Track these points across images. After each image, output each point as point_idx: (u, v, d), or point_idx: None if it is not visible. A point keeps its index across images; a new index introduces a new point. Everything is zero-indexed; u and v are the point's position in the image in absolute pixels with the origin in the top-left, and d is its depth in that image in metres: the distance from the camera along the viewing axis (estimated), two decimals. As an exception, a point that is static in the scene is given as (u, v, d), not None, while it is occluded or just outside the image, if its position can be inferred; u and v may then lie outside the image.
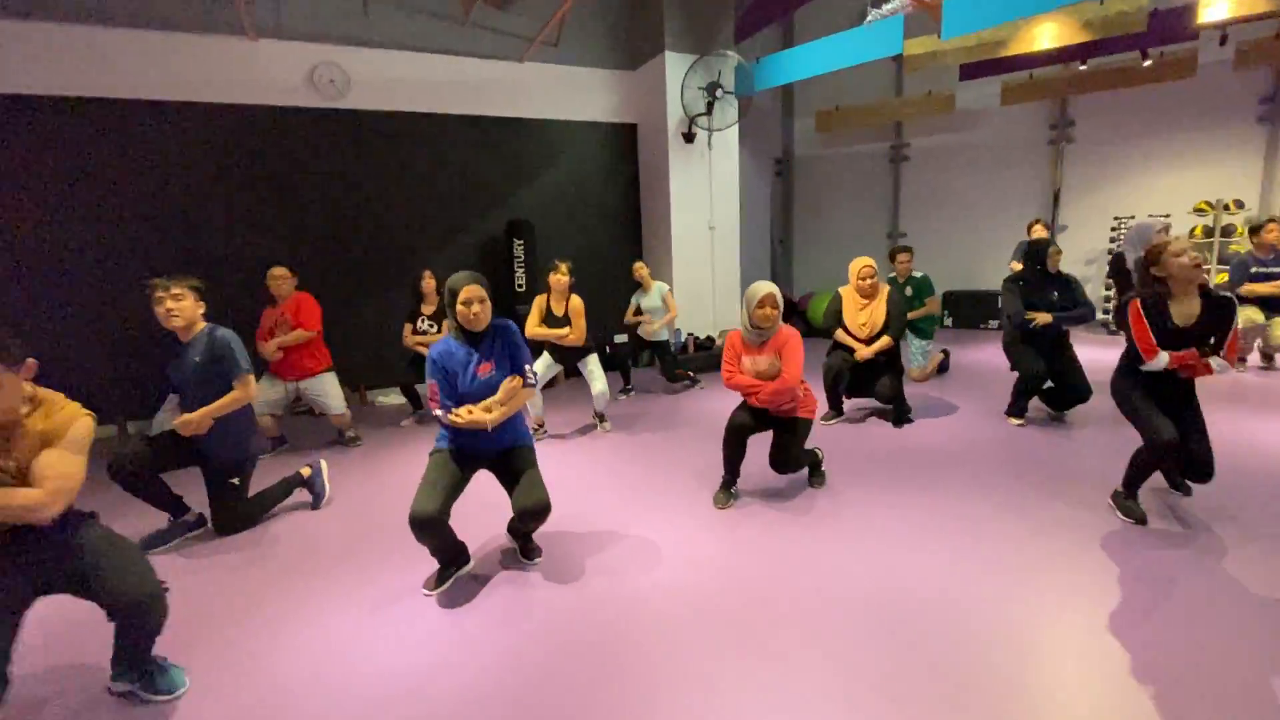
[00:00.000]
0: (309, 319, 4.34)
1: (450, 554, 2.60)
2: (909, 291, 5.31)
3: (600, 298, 6.50)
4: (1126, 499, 2.89)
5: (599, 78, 6.79)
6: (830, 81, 8.85)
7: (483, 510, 3.11)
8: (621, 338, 7.24)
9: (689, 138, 6.48)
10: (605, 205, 7.08)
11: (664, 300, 5.58)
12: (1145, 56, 6.61)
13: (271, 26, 5.35)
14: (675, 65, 6.26)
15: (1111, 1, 5.08)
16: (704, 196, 6.75)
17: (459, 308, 2.48)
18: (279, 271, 4.33)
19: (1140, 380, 2.82)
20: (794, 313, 8.65)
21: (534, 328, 4.38)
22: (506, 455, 2.65)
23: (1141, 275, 2.79)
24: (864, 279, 4.22)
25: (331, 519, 3.33)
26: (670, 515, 3.17)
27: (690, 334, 6.72)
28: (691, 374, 5.92)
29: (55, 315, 4.92)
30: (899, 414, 4.41)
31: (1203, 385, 2.86)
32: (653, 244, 7.05)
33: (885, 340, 4.23)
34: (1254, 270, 5.15)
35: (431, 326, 4.92)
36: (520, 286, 6.18)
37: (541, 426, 4.57)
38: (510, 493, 2.60)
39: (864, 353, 4.26)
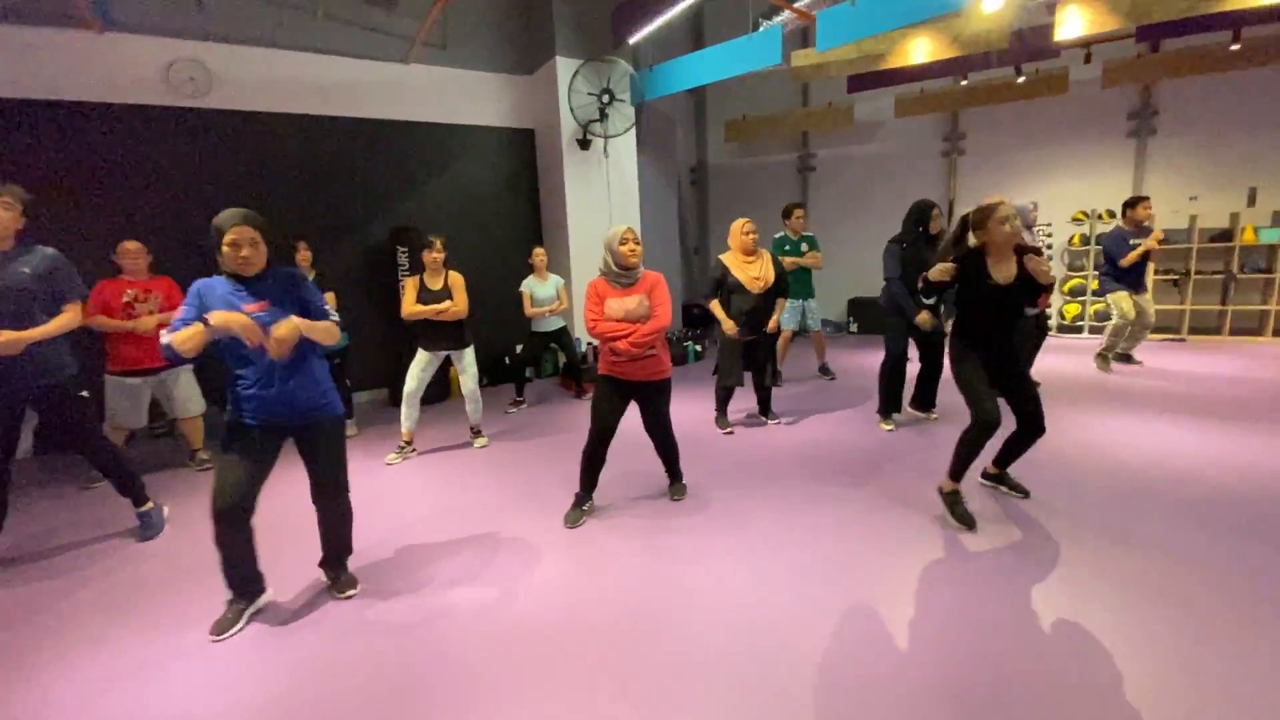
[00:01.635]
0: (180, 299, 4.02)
1: (243, 574, 2.34)
2: (804, 248, 5.56)
3: (498, 306, 6.32)
4: (957, 501, 2.91)
5: (492, 81, 6.64)
6: (741, 91, 9.04)
7: (292, 539, 2.90)
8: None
9: (584, 144, 6.39)
10: (503, 212, 6.91)
11: (559, 293, 5.50)
12: (1019, 73, 6.92)
13: (121, 19, 4.99)
14: (567, 70, 6.17)
15: (975, 19, 5.26)
16: (603, 203, 6.67)
17: (225, 250, 2.15)
18: (133, 246, 3.99)
19: (973, 343, 2.90)
20: (709, 319, 8.66)
21: (410, 307, 4.11)
22: (310, 427, 2.34)
23: (957, 235, 2.90)
24: (747, 234, 4.21)
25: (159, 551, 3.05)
26: (524, 535, 3.03)
27: (590, 342, 6.61)
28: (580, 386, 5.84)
29: None
30: (772, 384, 4.66)
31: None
32: (553, 251, 6.90)
33: (782, 304, 4.48)
34: (1130, 242, 5.45)
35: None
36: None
37: (410, 444, 4.33)
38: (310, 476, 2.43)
39: (771, 327, 4.39)
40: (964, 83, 7.31)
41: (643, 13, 5.55)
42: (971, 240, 2.90)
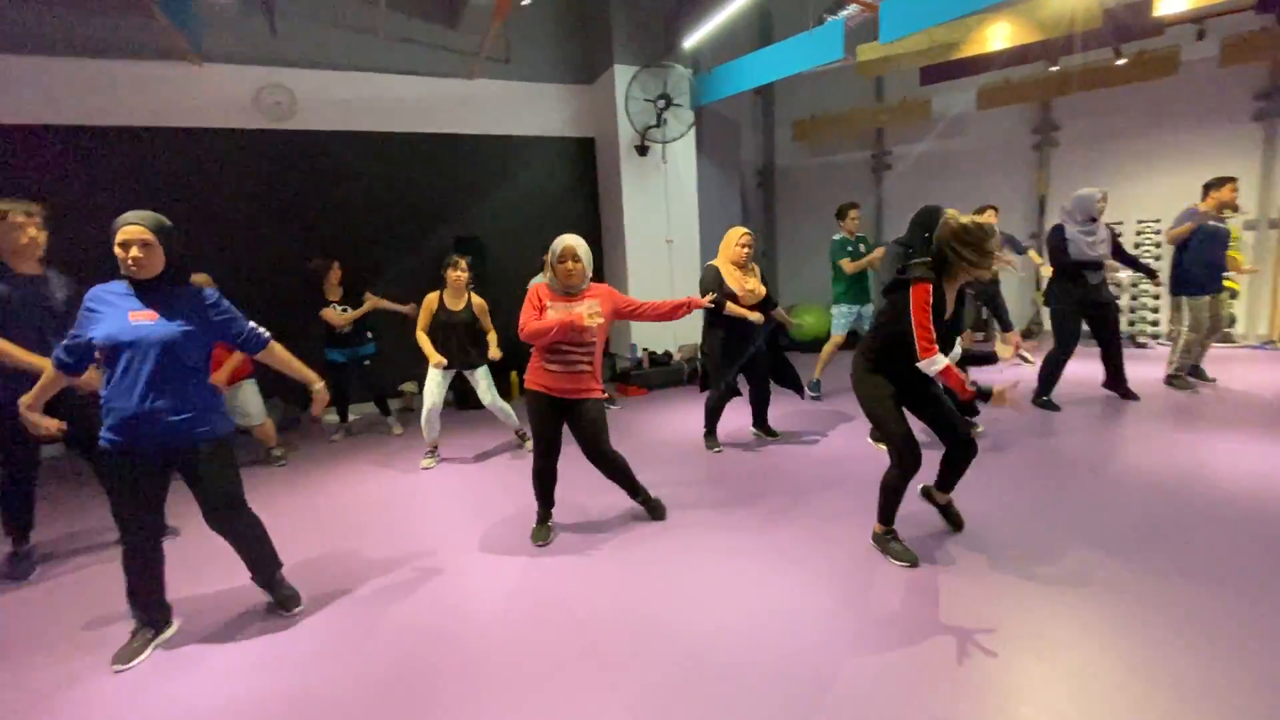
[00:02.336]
0: None
1: (147, 603, 2.26)
2: (861, 249, 5.26)
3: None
4: (890, 539, 2.65)
5: (554, 92, 6.77)
6: (811, 89, 8.76)
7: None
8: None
9: (642, 150, 6.39)
10: (564, 220, 7.01)
11: None
12: (1119, 54, 6.29)
13: (218, 51, 5.46)
14: (624, 78, 6.20)
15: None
16: (660, 209, 6.65)
17: (116, 250, 2.05)
18: (200, 277, 4.29)
19: (890, 375, 2.57)
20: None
21: (421, 333, 4.15)
22: (187, 455, 2.17)
23: (935, 253, 2.42)
24: (742, 246, 3.98)
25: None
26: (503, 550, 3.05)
27: (646, 349, 6.59)
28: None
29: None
30: (795, 385, 4.35)
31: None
32: (612, 257, 6.96)
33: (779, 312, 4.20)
34: (1210, 224, 4.82)
35: (343, 310, 4.95)
36: (468, 302, 6.14)
37: (437, 449, 4.43)
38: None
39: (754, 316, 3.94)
40: (1054, 69, 6.73)
41: (695, 16, 5.49)
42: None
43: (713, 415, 4.32)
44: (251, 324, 2.35)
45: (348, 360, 5.07)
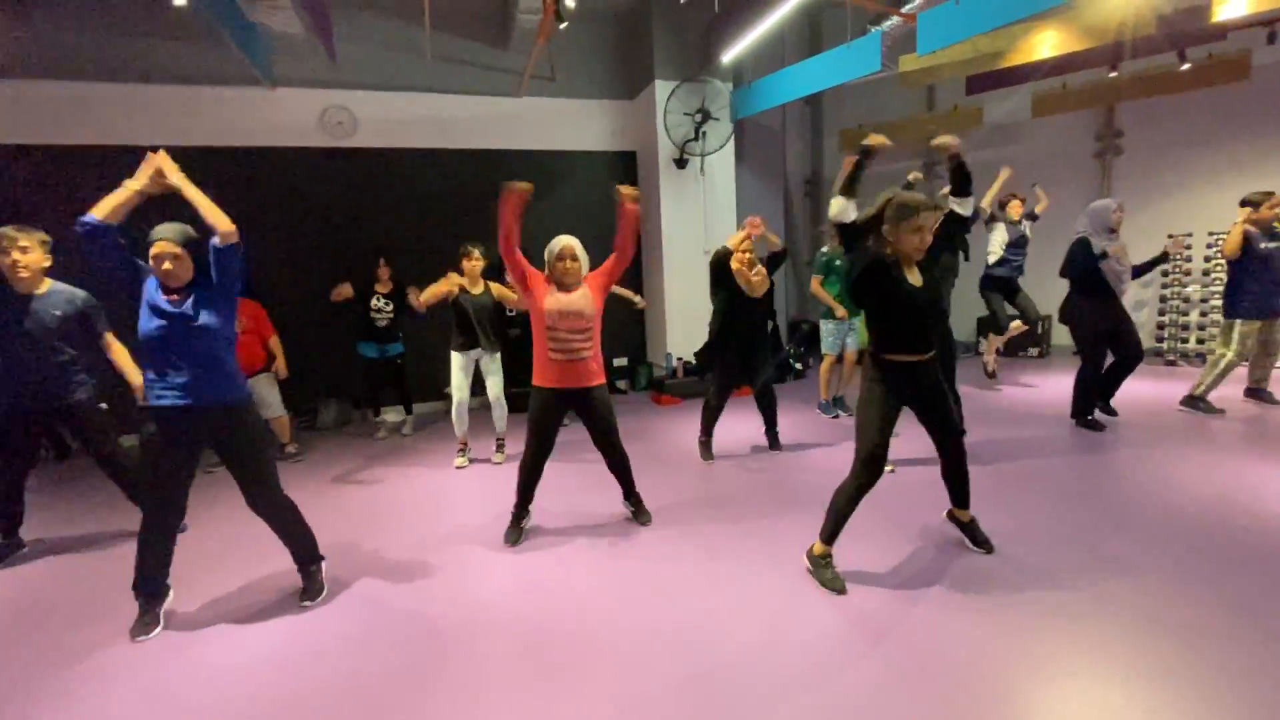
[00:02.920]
0: (267, 326, 4.91)
1: (155, 575, 2.49)
2: (836, 263, 5.24)
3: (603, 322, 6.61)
4: (825, 565, 2.57)
5: (597, 108, 6.99)
6: (861, 99, 8.68)
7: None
8: (621, 361, 7.35)
9: (680, 163, 6.52)
10: (603, 231, 7.15)
11: None
12: (1183, 59, 5.98)
13: (288, 76, 5.93)
14: (665, 93, 6.34)
15: (1099, 8, 4.67)
16: (698, 221, 6.75)
17: (151, 260, 2.33)
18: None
19: (886, 377, 2.52)
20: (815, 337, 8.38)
21: (432, 290, 4.39)
22: (216, 415, 2.43)
23: (870, 228, 2.49)
24: (744, 251, 4.13)
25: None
26: (550, 547, 3.21)
27: (680, 358, 6.69)
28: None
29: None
30: (780, 370, 4.43)
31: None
32: (651, 269, 7.11)
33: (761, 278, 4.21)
34: (1262, 246, 4.52)
35: (387, 305, 5.33)
36: (511, 313, 6.39)
37: (468, 446, 4.66)
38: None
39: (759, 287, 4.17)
40: (1112, 74, 6.45)
41: (733, 31, 5.58)
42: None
43: (709, 422, 4.37)
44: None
45: (379, 356, 5.41)
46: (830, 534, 2.59)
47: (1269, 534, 2.82)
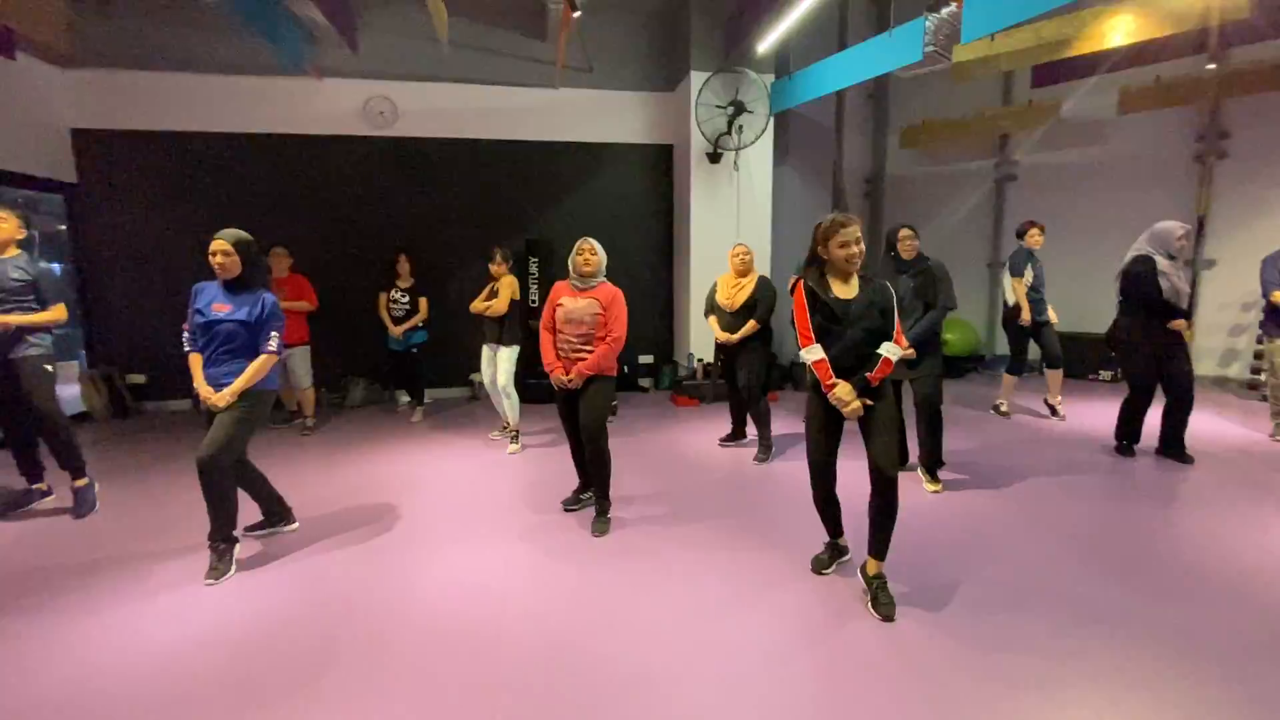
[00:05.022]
0: (310, 294, 5.25)
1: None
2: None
3: (629, 320, 6.50)
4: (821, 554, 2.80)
5: (635, 99, 6.87)
6: (931, 93, 8.10)
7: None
8: (648, 359, 7.23)
9: (714, 158, 6.30)
10: (640, 226, 7.11)
11: None
12: (1299, 48, 5.15)
13: (335, 66, 6.17)
14: (700, 84, 6.14)
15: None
16: (730, 218, 6.50)
17: (209, 257, 2.78)
18: (279, 250, 5.22)
19: (821, 395, 2.46)
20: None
21: (475, 304, 4.77)
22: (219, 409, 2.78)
23: (809, 254, 2.51)
24: (736, 255, 4.40)
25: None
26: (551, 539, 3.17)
27: (700, 359, 6.48)
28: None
29: (165, 307, 6.08)
30: (752, 411, 4.41)
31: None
32: (678, 267, 6.93)
33: (751, 324, 4.24)
34: None
35: (404, 297, 5.52)
36: (533, 301, 6.42)
37: (508, 429, 4.79)
38: None
39: (724, 337, 4.34)
40: (1211, 66, 5.65)
41: (770, 20, 5.30)
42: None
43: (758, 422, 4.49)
44: (273, 336, 2.84)
45: (400, 346, 5.56)
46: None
47: (1304, 612, 2.37)
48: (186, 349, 2.87)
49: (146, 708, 1.93)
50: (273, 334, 2.83)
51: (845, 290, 2.44)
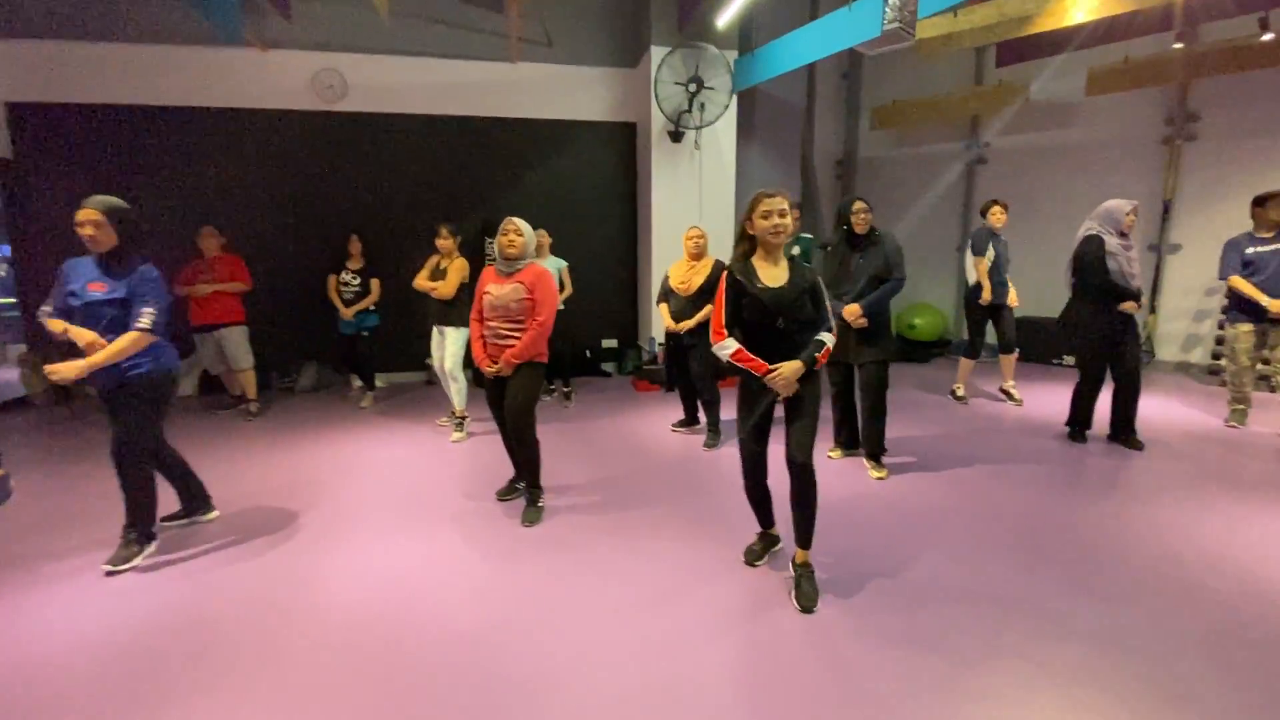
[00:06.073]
0: (244, 274, 5.11)
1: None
2: (795, 251, 4.78)
3: (591, 301, 6.38)
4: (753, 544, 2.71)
5: (596, 76, 6.67)
6: (903, 73, 7.96)
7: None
8: (611, 343, 7.11)
9: (675, 136, 6.13)
10: (603, 207, 6.94)
11: (561, 276, 5.40)
12: (1265, 27, 5.06)
13: (280, 38, 5.91)
14: (659, 60, 5.95)
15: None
16: (692, 198, 6.36)
17: (76, 229, 2.49)
18: (208, 229, 5.08)
19: (749, 379, 2.38)
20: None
21: (418, 280, 4.62)
22: (113, 394, 2.59)
23: (739, 231, 2.42)
24: (690, 238, 4.29)
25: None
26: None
27: (662, 344, 6.36)
28: (566, 390, 5.71)
29: None
30: (703, 397, 4.33)
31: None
32: (645, 247, 6.78)
33: (706, 310, 4.09)
34: (1248, 251, 4.25)
35: (355, 280, 5.39)
36: (491, 284, 6.25)
37: (455, 414, 4.60)
38: None
39: (673, 326, 4.25)
40: (1177, 45, 5.56)
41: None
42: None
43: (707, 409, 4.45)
44: (145, 312, 2.53)
45: (354, 331, 5.39)
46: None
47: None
48: (41, 321, 2.55)
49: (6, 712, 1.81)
50: (145, 310, 2.52)
51: (775, 275, 2.34)
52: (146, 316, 2.52)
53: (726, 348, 2.33)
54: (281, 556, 2.77)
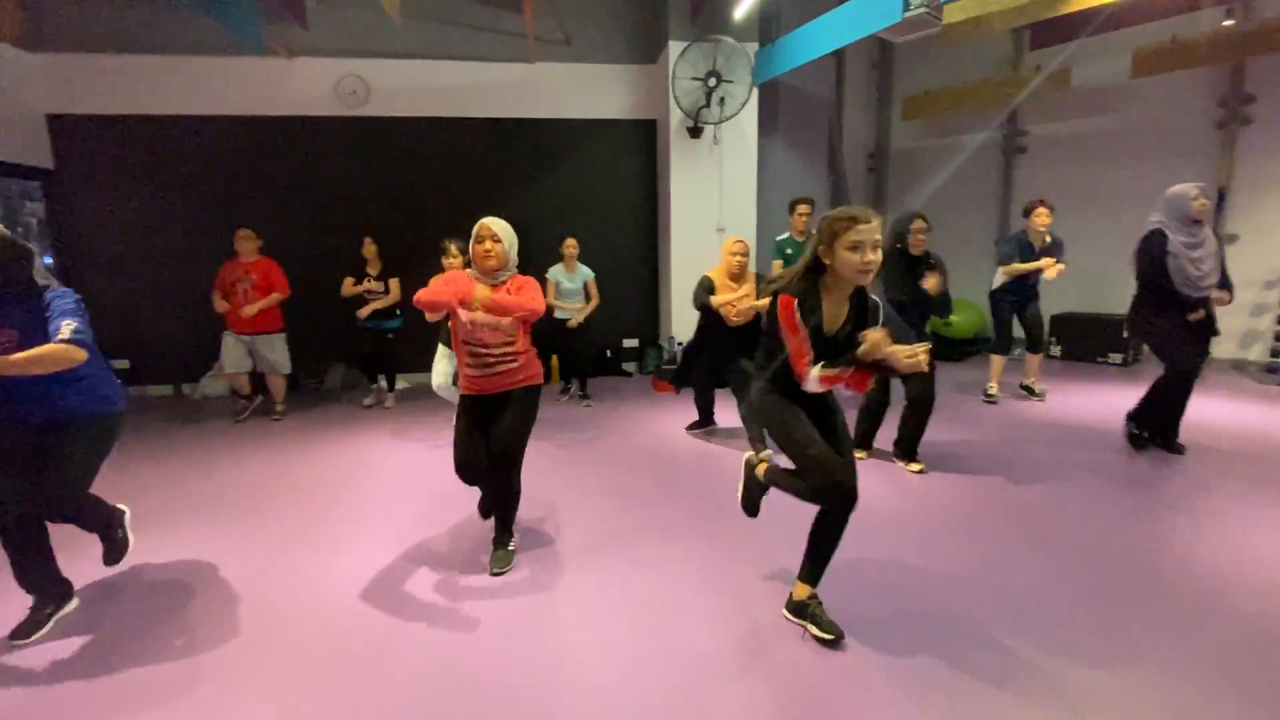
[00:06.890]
0: (281, 282, 5.06)
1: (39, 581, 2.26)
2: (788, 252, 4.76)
3: (611, 300, 6.33)
4: (812, 605, 2.14)
5: (615, 73, 6.60)
6: (937, 62, 7.68)
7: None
8: (632, 342, 7.05)
9: (694, 132, 6.03)
10: (623, 205, 6.88)
11: (587, 287, 5.37)
12: (1327, 0, 4.68)
13: (304, 45, 6.02)
14: (677, 55, 5.85)
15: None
16: (711, 197, 6.24)
17: None
18: (245, 232, 5.03)
19: (786, 391, 2.10)
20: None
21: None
22: (44, 434, 2.16)
23: (810, 260, 1.98)
24: (734, 254, 3.98)
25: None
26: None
27: (681, 343, 6.26)
28: (583, 391, 5.65)
29: (146, 291, 6.08)
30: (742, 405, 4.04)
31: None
32: (665, 246, 6.70)
33: (762, 302, 3.81)
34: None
35: (379, 284, 5.36)
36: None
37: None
38: None
39: (741, 308, 3.92)
40: (1227, 23, 5.19)
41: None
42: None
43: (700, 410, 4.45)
44: (64, 325, 2.07)
45: (374, 329, 5.44)
46: (811, 575, 2.17)
47: None
48: None
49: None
50: (64, 322, 2.06)
51: (834, 316, 2.02)
52: (67, 328, 2.06)
53: (814, 379, 1.98)
54: (289, 557, 2.78)
